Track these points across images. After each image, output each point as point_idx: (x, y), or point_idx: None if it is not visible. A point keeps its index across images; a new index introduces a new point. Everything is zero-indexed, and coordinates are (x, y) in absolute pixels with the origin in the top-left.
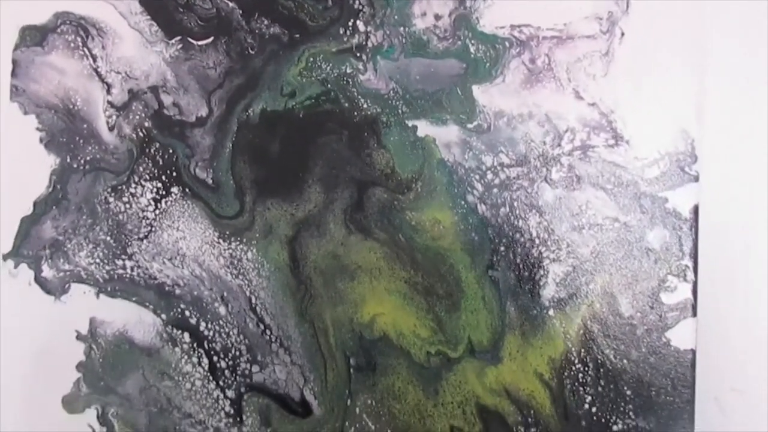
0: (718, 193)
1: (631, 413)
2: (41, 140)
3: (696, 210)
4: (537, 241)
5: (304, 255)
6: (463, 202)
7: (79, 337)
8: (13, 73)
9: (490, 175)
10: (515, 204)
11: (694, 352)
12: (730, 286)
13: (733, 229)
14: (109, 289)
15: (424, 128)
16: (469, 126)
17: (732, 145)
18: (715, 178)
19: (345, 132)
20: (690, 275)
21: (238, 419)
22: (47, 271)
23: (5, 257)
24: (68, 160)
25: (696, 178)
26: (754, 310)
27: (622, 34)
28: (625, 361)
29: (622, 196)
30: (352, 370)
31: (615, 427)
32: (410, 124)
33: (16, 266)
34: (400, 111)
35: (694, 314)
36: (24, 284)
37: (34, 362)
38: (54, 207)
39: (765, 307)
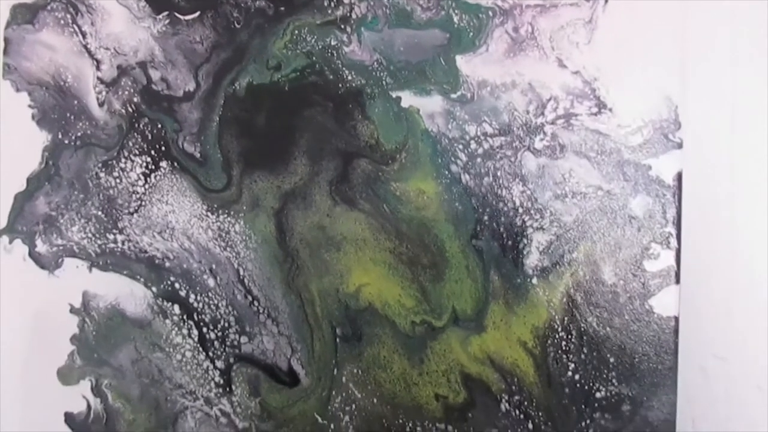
0: (702, 159)
1: (614, 380)
2: (33, 117)
3: (679, 177)
4: (520, 210)
5: (290, 227)
6: (447, 172)
7: (73, 310)
8: (5, 52)
9: (473, 145)
10: (499, 173)
11: (677, 319)
12: (713, 253)
13: (717, 195)
14: (101, 263)
15: (408, 99)
16: (453, 96)
17: (716, 112)
18: (698, 145)
19: (330, 104)
20: (673, 242)
21: (228, 389)
22: (41, 246)
23: (0, 233)
24: (60, 136)
25: (679, 145)
26: (737, 276)
27: (606, 1)
28: (608, 328)
29: (606, 164)
30: (338, 340)
31: (598, 394)
32: (394, 95)
33: (10, 242)
34: (384, 82)
35: (678, 281)
36: (19, 259)
37: (30, 335)
38: (47, 183)
39: (748, 274)
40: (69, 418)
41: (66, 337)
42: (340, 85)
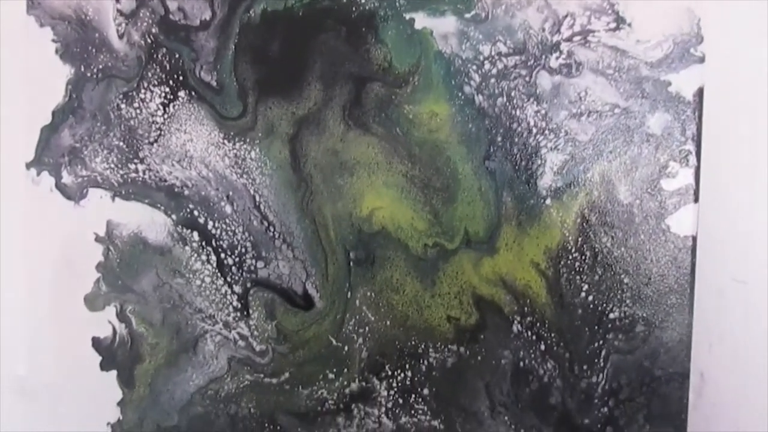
0: (724, 74)
1: (627, 301)
2: (57, 51)
3: (700, 93)
4: (534, 131)
5: (304, 152)
6: (460, 94)
7: (98, 239)
8: None
9: (487, 65)
10: (513, 93)
11: (694, 238)
12: (734, 171)
13: (739, 111)
14: (123, 192)
15: (421, 20)
16: (467, 16)
17: (739, 23)
18: (721, 59)
19: (343, 28)
20: (692, 160)
21: (245, 313)
22: (66, 178)
23: (28, 166)
24: (82, 69)
25: (701, 60)
26: (758, 196)
27: None
28: (622, 248)
29: (623, 81)
30: (351, 264)
31: (611, 315)
32: (407, 17)
33: (38, 174)
34: (397, 4)
35: (696, 200)
36: (46, 191)
37: (58, 264)
38: (71, 115)
39: None
40: (96, 342)
41: (92, 264)
42: (353, 9)
